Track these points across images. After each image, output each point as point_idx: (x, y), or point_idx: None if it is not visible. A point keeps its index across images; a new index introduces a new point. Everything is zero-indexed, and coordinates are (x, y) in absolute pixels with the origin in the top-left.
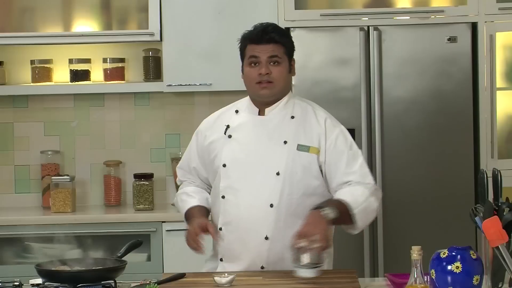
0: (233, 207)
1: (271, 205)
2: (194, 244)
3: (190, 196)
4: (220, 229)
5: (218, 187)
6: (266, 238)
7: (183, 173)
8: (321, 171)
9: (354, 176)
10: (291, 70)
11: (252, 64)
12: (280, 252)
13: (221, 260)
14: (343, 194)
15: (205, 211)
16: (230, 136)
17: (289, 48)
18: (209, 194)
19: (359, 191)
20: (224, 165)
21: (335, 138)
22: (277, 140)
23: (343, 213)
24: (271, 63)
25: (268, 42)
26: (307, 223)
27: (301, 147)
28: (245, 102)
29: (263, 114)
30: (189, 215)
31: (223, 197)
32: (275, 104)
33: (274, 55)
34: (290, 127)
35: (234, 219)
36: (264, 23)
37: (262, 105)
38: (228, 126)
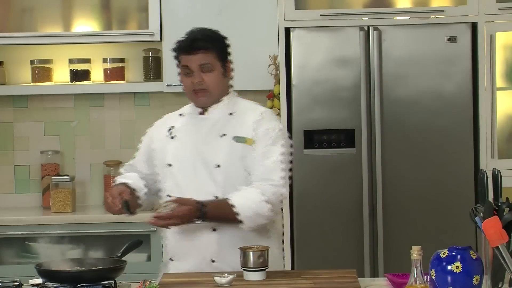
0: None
1: (215, 198)
2: (110, 210)
3: (125, 178)
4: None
5: (165, 187)
6: (213, 229)
7: (128, 169)
8: None
9: (262, 170)
10: (226, 73)
11: (186, 74)
12: (229, 243)
13: (171, 260)
14: (236, 195)
15: (129, 190)
16: (173, 137)
17: (221, 52)
18: (148, 187)
19: (252, 194)
20: (169, 165)
21: (265, 130)
22: (216, 134)
23: (228, 218)
24: (203, 72)
25: (197, 50)
26: (178, 215)
27: (238, 139)
28: (190, 106)
29: (206, 114)
30: None
31: (169, 196)
32: (216, 104)
33: (205, 63)
34: (229, 122)
35: None
36: (195, 29)
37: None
38: (171, 128)
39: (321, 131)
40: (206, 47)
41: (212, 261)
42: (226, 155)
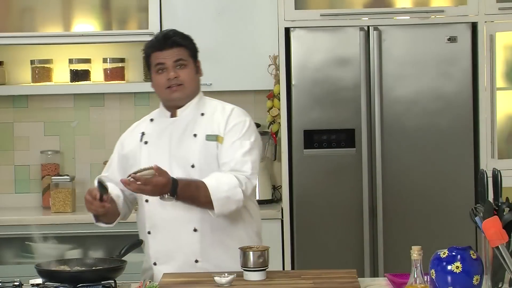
0: (158, 207)
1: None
2: (92, 207)
3: None
4: (149, 232)
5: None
6: (195, 230)
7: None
8: None
9: (233, 161)
10: (198, 71)
11: (160, 71)
12: (212, 242)
13: (154, 264)
14: (210, 178)
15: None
16: (146, 143)
17: (193, 50)
18: (125, 196)
19: (227, 178)
20: None
21: (234, 124)
22: (188, 135)
23: (198, 199)
24: (178, 67)
25: (171, 46)
26: (152, 184)
27: (209, 137)
28: (158, 110)
29: (176, 116)
30: None
31: (146, 201)
32: (186, 105)
33: (179, 59)
34: (200, 122)
35: (160, 219)
36: (164, 30)
37: (174, 108)
38: (143, 133)
39: (321, 131)
40: (180, 43)
41: (196, 261)
42: (200, 155)
